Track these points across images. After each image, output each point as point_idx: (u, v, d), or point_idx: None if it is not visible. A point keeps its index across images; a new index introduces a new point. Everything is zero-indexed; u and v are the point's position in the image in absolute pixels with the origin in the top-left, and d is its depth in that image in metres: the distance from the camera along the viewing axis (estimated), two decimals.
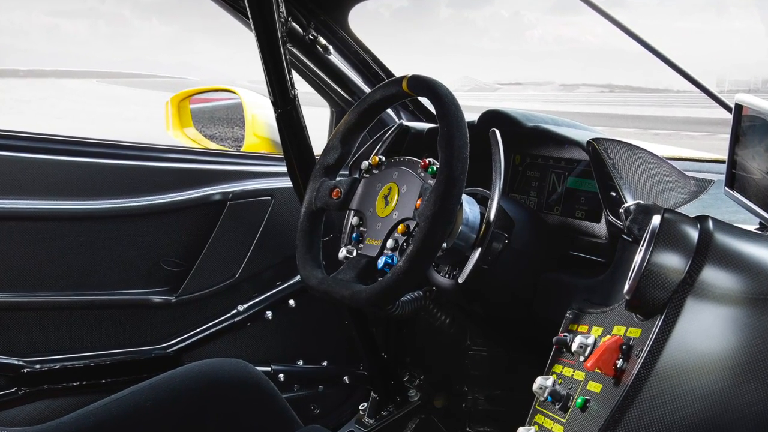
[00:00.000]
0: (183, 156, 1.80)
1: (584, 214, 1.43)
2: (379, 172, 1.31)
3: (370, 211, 1.29)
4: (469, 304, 1.47)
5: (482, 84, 20.74)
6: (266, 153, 1.96)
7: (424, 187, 1.20)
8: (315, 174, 1.35)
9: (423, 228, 1.11)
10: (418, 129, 1.77)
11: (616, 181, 1.21)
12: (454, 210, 1.12)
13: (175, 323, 1.78)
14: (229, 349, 1.84)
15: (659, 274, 0.90)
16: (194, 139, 2.16)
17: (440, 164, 1.13)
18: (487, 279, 1.32)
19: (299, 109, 1.57)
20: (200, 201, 1.75)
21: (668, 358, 0.87)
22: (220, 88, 2.21)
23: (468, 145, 1.13)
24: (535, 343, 1.31)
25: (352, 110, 1.33)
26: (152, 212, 1.72)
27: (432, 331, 1.83)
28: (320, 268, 1.29)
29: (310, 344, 1.95)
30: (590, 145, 1.28)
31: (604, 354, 0.94)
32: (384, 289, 1.13)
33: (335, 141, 1.34)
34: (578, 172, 1.46)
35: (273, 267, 1.87)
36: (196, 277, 1.77)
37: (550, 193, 1.51)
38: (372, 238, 1.27)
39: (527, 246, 1.35)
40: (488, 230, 1.23)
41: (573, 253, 1.40)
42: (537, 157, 1.55)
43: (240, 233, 1.80)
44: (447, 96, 1.16)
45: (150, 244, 1.73)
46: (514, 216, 1.35)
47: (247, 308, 1.85)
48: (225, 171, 1.80)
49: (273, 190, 1.83)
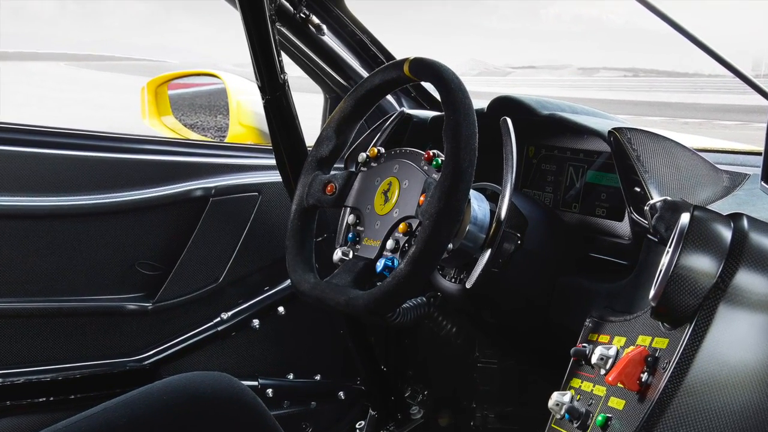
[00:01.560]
0: (160, 147, 1.79)
1: (605, 212, 1.43)
2: (378, 165, 1.31)
3: (368, 209, 1.29)
4: (478, 311, 1.47)
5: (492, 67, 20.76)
6: (253, 144, 1.96)
7: (428, 182, 1.20)
8: (307, 167, 1.35)
9: (426, 227, 1.11)
10: (421, 117, 1.77)
11: (641, 176, 1.21)
12: (461, 207, 1.12)
13: (152, 333, 1.78)
14: (211, 362, 1.84)
15: (688, 278, 0.90)
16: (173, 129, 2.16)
17: (446, 156, 1.13)
18: (498, 284, 1.32)
19: (289, 96, 1.57)
20: (180, 197, 1.75)
21: (698, 371, 0.87)
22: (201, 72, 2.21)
23: (476, 136, 1.13)
24: (550, 355, 1.31)
25: (348, 97, 1.33)
26: (126, 210, 1.71)
27: (436, 341, 1.83)
28: (313, 272, 1.29)
29: (301, 356, 1.95)
30: (612, 135, 1.28)
31: (627, 367, 0.94)
32: (383, 294, 1.14)
33: (329, 131, 1.34)
34: (599, 165, 1.46)
35: (260, 270, 1.87)
36: (175, 281, 1.77)
37: (568, 188, 1.51)
38: (370, 238, 1.27)
39: (542, 247, 1.35)
40: (499, 230, 1.23)
41: (593, 254, 1.40)
42: (553, 148, 1.55)
43: (224, 233, 1.80)
44: (453, 81, 1.16)
45: (124, 245, 1.73)
46: (528, 214, 1.35)
47: (231, 316, 1.85)
48: (207, 164, 1.80)
49: (260, 185, 1.83)
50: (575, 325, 1.21)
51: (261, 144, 1.96)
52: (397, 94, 1.98)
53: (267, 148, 1.85)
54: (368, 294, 1.16)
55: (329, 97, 2.04)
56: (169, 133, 2.13)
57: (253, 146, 1.93)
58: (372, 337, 1.92)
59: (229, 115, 2.01)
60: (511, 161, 1.23)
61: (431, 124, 1.74)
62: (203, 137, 2.20)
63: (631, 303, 1.14)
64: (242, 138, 1.97)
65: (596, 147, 1.46)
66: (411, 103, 2.00)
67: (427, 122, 1.76)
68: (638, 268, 1.20)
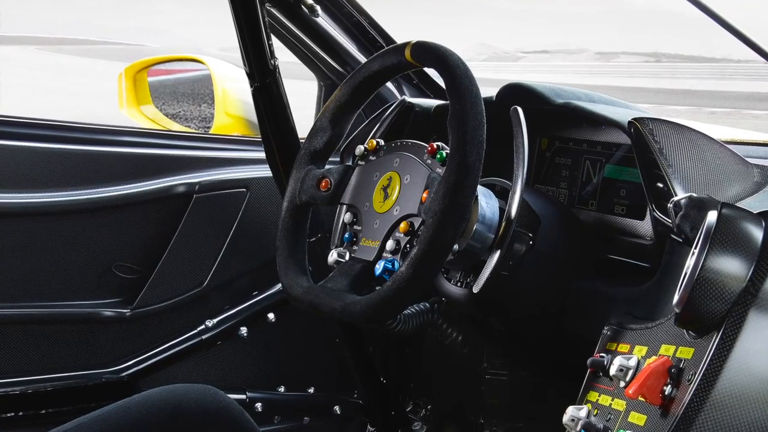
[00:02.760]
0: (139, 139, 1.79)
1: (625, 210, 1.43)
2: (377, 158, 1.31)
3: (365, 206, 1.29)
4: (486, 318, 1.47)
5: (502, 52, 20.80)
6: (240, 135, 1.96)
7: (432, 177, 1.20)
8: (299, 161, 1.35)
9: (430, 226, 1.11)
10: (424, 107, 1.77)
11: (664, 170, 1.21)
12: (467, 204, 1.12)
13: (130, 341, 1.78)
14: (195, 373, 1.84)
15: (716, 282, 0.90)
16: (153, 119, 2.16)
17: (451, 149, 1.13)
18: (508, 288, 1.32)
19: (280, 83, 1.57)
20: (160, 193, 1.75)
21: (727, 384, 0.87)
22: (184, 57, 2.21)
23: (484, 126, 1.13)
24: (565, 366, 1.31)
25: (344, 84, 1.33)
26: (102, 207, 1.71)
27: (441, 350, 1.83)
28: (306, 275, 1.29)
29: (293, 367, 1.95)
30: (632, 126, 1.28)
31: (649, 379, 0.94)
32: (383, 300, 1.14)
33: (324, 121, 1.34)
34: (618, 158, 1.46)
35: (248, 274, 1.87)
36: (156, 285, 1.77)
37: (584, 184, 1.51)
38: (368, 238, 1.27)
39: (556, 248, 1.35)
40: (509, 229, 1.23)
41: (611, 256, 1.41)
42: (568, 140, 1.55)
43: (209, 232, 1.80)
44: (459, 67, 1.16)
45: (99, 246, 1.73)
46: (541, 212, 1.35)
47: (217, 323, 1.85)
48: (190, 157, 1.80)
49: (248, 181, 1.83)
50: (592, 334, 1.21)
51: (249, 136, 1.96)
52: (397, 82, 1.98)
53: (256, 140, 1.85)
54: (366, 299, 1.16)
55: (324, 85, 2.04)
56: (149, 123, 2.13)
57: (240, 138, 1.93)
58: (370, 346, 1.92)
59: (215, 104, 2.01)
60: (523, 154, 1.23)
61: (435, 114, 1.74)
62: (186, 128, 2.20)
63: (653, 309, 1.14)
64: (229, 129, 1.97)
65: (615, 139, 1.46)
66: (413, 91, 1.99)
67: (430, 112, 1.76)
68: (661, 271, 1.20)
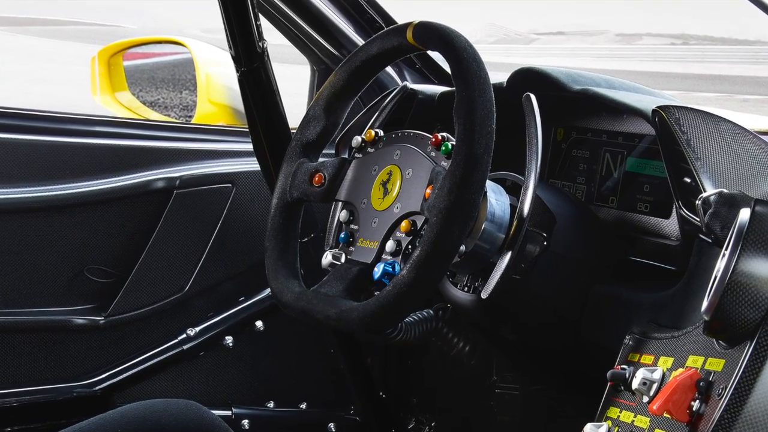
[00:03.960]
0: (114, 129, 1.79)
1: (649, 207, 1.43)
2: (376, 150, 1.31)
3: (363, 203, 1.29)
4: (496, 326, 1.47)
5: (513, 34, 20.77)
6: (225, 125, 1.96)
7: (436, 171, 1.20)
8: (290, 153, 1.35)
9: (434, 225, 1.11)
10: (428, 94, 1.77)
11: (692, 163, 1.21)
12: (475, 201, 1.12)
13: (104, 352, 1.78)
14: (176, 387, 1.84)
15: (749, 286, 0.90)
16: (129, 108, 2.16)
17: (457, 140, 1.13)
18: (520, 293, 1.32)
19: (269, 68, 1.57)
20: (137, 189, 1.75)
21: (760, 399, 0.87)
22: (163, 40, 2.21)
23: (494, 115, 1.13)
24: (582, 379, 1.31)
25: (339, 69, 1.33)
26: (73, 205, 1.71)
27: (446, 362, 1.83)
28: (297, 279, 1.29)
29: (284, 380, 1.95)
30: (657, 115, 1.28)
31: (675, 393, 0.94)
32: (382, 306, 1.14)
33: (317, 110, 1.34)
34: (641, 151, 1.46)
35: (234, 277, 1.87)
36: (132, 290, 1.77)
37: (604, 179, 1.51)
38: (366, 238, 1.27)
39: (573, 249, 1.35)
40: (521, 228, 1.23)
41: (633, 258, 1.41)
42: (586, 130, 1.55)
43: (190, 232, 1.81)
44: (466, 50, 1.16)
45: (70, 247, 1.73)
46: (556, 210, 1.35)
47: (199, 332, 1.85)
48: (170, 149, 1.80)
49: (234, 175, 1.83)
50: (613, 343, 1.21)
51: (235, 125, 1.96)
52: (398, 66, 1.98)
53: (242, 131, 1.85)
54: (364, 306, 1.15)
55: (317, 70, 2.04)
56: (125, 112, 2.13)
57: (225, 128, 1.93)
58: (368, 357, 1.92)
59: (197, 90, 2.01)
60: (536, 146, 1.23)
61: (439, 102, 1.75)
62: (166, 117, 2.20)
63: (679, 316, 1.14)
64: (213, 118, 1.97)
65: (638, 129, 1.46)
66: (415, 76, 1.99)
67: (434, 99, 1.76)
68: (688, 274, 1.20)
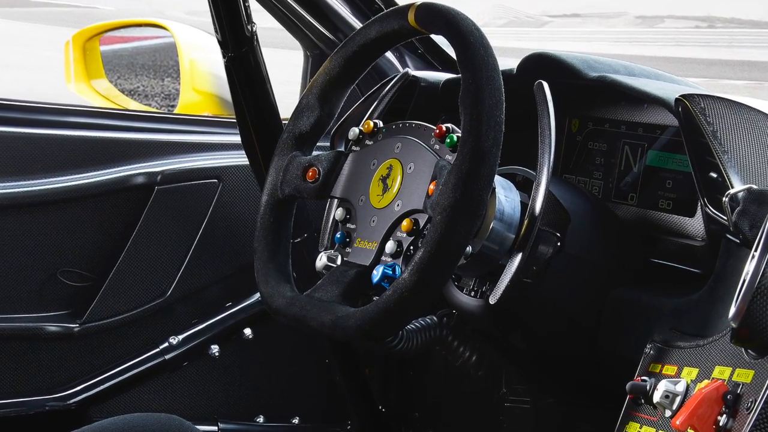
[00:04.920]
0: (90, 120, 1.79)
1: (671, 205, 1.43)
2: (375, 143, 1.31)
3: (361, 201, 1.29)
4: (505, 334, 1.47)
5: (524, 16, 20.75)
6: (211, 116, 1.96)
7: (440, 165, 1.20)
8: (282, 146, 1.35)
9: (438, 224, 1.11)
10: (431, 81, 1.77)
11: (718, 157, 1.21)
12: (482, 198, 1.12)
13: (79, 362, 1.78)
14: (157, 400, 1.84)
15: None
16: (106, 96, 2.15)
17: (463, 132, 1.13)
18: (532, 299, 1.32)
19: (259, 53, 1.57)
20: (115, 185, 1.75)
21: None
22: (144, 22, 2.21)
23: (503, 105, 1.13)
24: (599, 391, 1.31)
25: (335, 54, 1.33)
26: (46, 202, 1.71)
27: (451, 373, 1.83)
28: (289, 283, 1.29)
29: (274, 393, 1.96)
30: (680, 104, 1.28)
31: (700, 407, 0.94)
32: (382, 312, 1.13)
33: (311, 98, 1.34)
34: (663, 143, 1.46)
35: (221, 281, 1.87)
36: (110, 295, 1.77)
37: (623, 174, 1.51)
38: (364, 239, 1.27)
39: (589, 251, 1.36)
40: (532, 228, 1.23)
41: (655, 260, 1.41)
42: (603, 121, 1.55)
43: (173, 232, 1.81)
44: (473, 33, 1.16)
45: (42, 248, 1.73)
46: (571, 207, 1.35)
47: (183, 341, 1.85)
48: (151, 142, 1.80)
49: (220, 170, 1.83)
50: (632, 353, 1.21)
51: (221, 116, 1.96)
52: (399, 51, 1.98)
53: (229, 122, 1.85)
54: (362, 312, 1.15)
55: (311, 55, 2.03)
56: (102, 101, 2.13)
57: (211, 119, 1.93)
58: (367, 368, 1.92)
59: (180, 78, 2.01)
60: (549, 138, 1.23)
61: (444, 90, 1.74)
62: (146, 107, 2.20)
63: (704, 323, 1.14)
64: (197, 108, 1.97)
65: (660, 120, 1.46)
66: (417, 62, 1.99)
67: (438, 88, 1.76)
68: (714, 277, 1.20)
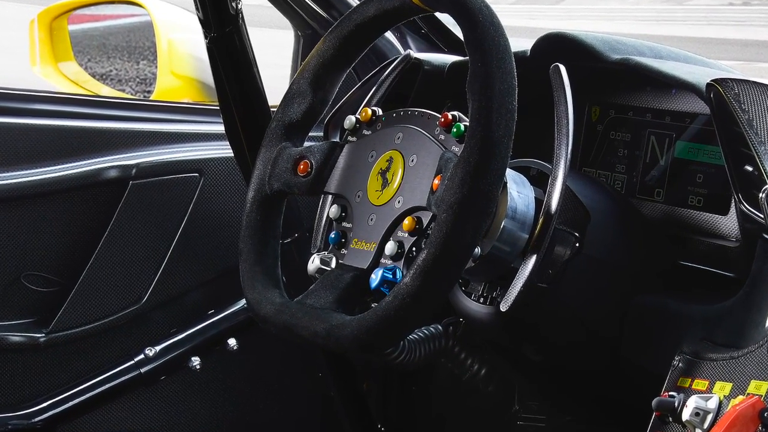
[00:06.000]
0: (57, 108, 1.79)
1: (702, 202, 1.43)
2: (373, 133, 1.31)
3: (358, 197, 1.29)
4: (518, 345, 1.47)
5: None
6: (191, 103, 1.96)
7: (446, 158, 1.20)
8: (270, 136, 1.35)
9: (443, 223, 1.11)
10: (436, 64, 1.77)
11: (754, 148, 1.21)
12: (493, 194, 1.12)
13: (46, 376, 1.78)
14: (132, 418, 1.84)
15: None
16: (76, 81, 2.15)
17: (471, 121, 1.13)
18: (547, 306, 1.32)
19: (245, 33, 1.57)
20: (85, 180, 1.75)
21: None
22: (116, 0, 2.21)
23: (515, 91, 1.13)
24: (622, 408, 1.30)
25: (329, 34, 1.33)
26: (8, 198, 1.71)
27: (458, 389, 1.83)
28: (278, 288, 1.29)
29: (262, 410, 1.96)
30: (712, 90, 1.28)
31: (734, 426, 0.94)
32: (381, 321, 1.13)
33: (303, 83, 1.34)
34: (693, 133, 1.46)
35: (202, 286, 1.87)
36: (79, 301, 1.77)
37: (648, 167, 1.52)
38: (361, 239, 1.27)
39: (611, 252, 1.36)
40: (548, 227, 1.23)
41: (684, 263, 1.41)
42: (626, 109, 1.55)
43: (149, 232, 1.81)
44: (482, 11, 1.16)
45: (4, 249, 1.73)
46: (590, 204, 1.35)
47: (160, 352, 1.84)
48: (125, 132, 1.80)
49: (202, 163, 1.83)
50: (658, 366, 1.22)
51: (203, 103, 1.95)
52: (400, 31, 1.98)
53: (212, 109, 1.85)
54: (359, 320, 1.15)
55: (302, 35, 2.03)
56: (70, 86, 2.13)
57: (191, 106, 1.93)
58: (364, 382, 1.92)
59: (158, 61, 2.00)
60: (566, 128, 1.23)
61: (450, 74, 1.74)
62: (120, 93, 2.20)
63: (739, 333, 1.14)
64: (176, 94, 1.97)
65: (689, 107, 1.46)
66: (421, 43, 1.99)
67: (443, 71, 1.75)
68: (750, 282, 1.20)
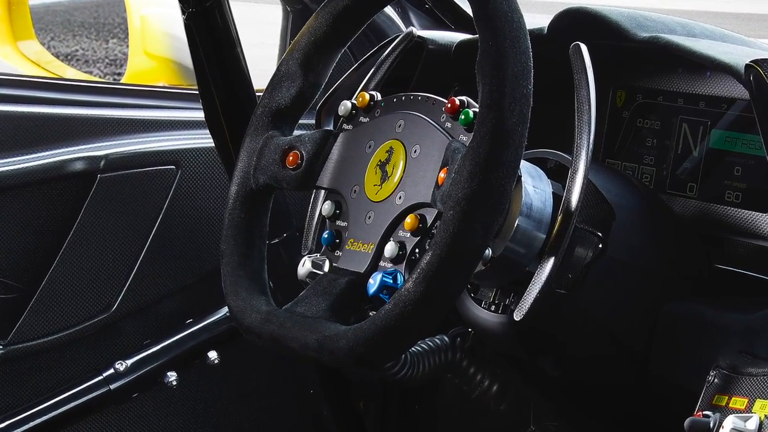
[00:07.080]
0: (17, 92, 1.80)
1: (740, 197, 1.43)
2: (371, 120, 1.31)
3: (354, 192, 1.29)
4: (534, 358, 1.47)
5: None
6: (167, 86, 1.96)
7: (453, 148, 1.19)
8: (255, 124, 1.35)
9: (450, 221, 1.11)
10: (441, 43, 1.77)
11: None
12: (505, 189, 1.12)
13: (4, 393, 1.78)
14: None
15: None
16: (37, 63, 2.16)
17: (481, 107, 1.13)
18: (566, 314, 1.32)
19: (226, 8, 1.57)
20: (48, 173, 1.76)
21: None
22: None
23: (531, 73, 1.13)
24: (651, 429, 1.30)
25: (322, 9, 1.33)
26: None
27: (467, 407, 1.83)
28: (265, 295, 1.29)
29: (246, 430, 1.96)
30: (751, 72, 1.28)
31: None
32: (380, 332, 1.13)
33: (292, 65, 1.34)
34: (730, 120, 1.46)
35: (178, 292, 1.88)
36: (41, 310, 1.77)
37: (680, 158, 1.52)
38: (358, 239, 1.27)
39: (638, 255, 1.36)
40: (568, 226, 1.23)
41: (720, 266, 1.41)
42: (655, 93, 1.55)
43: (120, 231, 1.81)
44: None
45: None
46: (615, 201, 1.35)
47: (132, 366, 1.84)
48: (93, 119, 1.81)
49: (179, 153, 1.83)
50: (691, 381, 1.22)
51: (180, 86, 1.95)
52: (401, 6, 1.98)
53: (190, 94, 1.85)
54: (355, 331, 1.15)
55: (292, 11, 2.03)
56: (31, 68, 2.13)
57: (167, 90, 1.93)
58: (361, 400, 1.92)
59: (129, 39, 2.01)
60: (588, 115, 1.23)
61: (457, 55, 1.74)
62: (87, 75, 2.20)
63: None
64: (150, 77, 1.97)
65: (726, 91, 1.46)
66: (424, 19, 1.99)
67: (450, 51, 1.75)
68: None
